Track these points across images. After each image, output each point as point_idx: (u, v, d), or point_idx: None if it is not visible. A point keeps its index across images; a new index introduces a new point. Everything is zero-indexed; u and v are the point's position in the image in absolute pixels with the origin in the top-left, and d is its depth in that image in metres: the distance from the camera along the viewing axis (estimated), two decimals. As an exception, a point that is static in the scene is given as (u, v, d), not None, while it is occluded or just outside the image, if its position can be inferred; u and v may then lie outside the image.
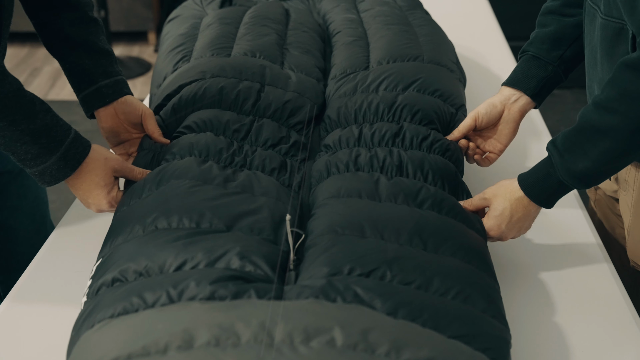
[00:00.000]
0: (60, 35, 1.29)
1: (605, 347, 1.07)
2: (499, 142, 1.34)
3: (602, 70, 1.14)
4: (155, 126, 1.33)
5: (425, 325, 0.83)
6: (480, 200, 1.18)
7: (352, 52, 1.57)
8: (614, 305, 1.15)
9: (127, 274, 0.94)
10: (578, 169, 1.06)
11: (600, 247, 1.30)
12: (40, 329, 1.09)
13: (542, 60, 1.30)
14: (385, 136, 1.28)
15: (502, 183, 1.16)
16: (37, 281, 1.20)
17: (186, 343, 0.75)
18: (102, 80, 1.30)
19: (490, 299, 0.95)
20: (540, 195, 1.12)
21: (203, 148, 1.22)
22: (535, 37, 1.33)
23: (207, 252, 0.94)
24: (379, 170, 1.20)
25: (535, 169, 1.12)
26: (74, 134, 1.13)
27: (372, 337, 0.77)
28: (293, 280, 0.94)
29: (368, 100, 1.36)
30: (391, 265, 0.93)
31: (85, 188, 1.16)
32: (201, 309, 0.81)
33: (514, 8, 3.60)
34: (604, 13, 1.10)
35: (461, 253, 1.01)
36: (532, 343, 1.07)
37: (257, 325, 0.76)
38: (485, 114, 1.32)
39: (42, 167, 1.10)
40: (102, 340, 0.80)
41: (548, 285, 1.20)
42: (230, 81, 1.38)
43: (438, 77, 1.45)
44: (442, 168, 1.22)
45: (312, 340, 0.75)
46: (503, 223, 1.14)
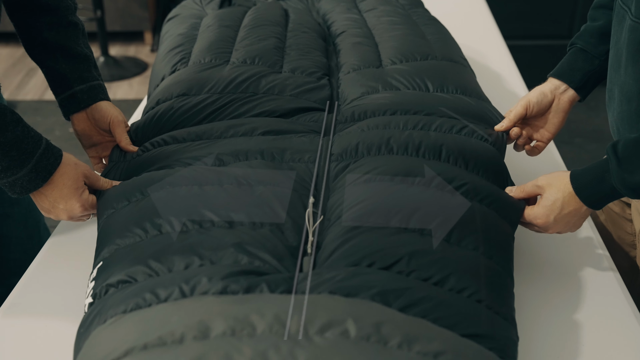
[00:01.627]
0: (38, 39, 1.29)
1: (606, 346, 1.07)
2: (547, 131, 1.33)
3: (626, 74, 1.12)
4: (123, 134, 1.32)
5: (437, 323, 0.84)
6: (533, 187, 1.15)
7: (362, 51, 1.57)
8: (616, 305, 1.15)
9: (135, 275, 0.93)
10: (635, 180, 1.03)
11: (601, 246, 1.30)
12: (36, 341, 1.06)
13: (589, 54, 1.30)
14: (419, 123, 1.27)
15: (557, 173, 1.13)
16: (32, 291, 1.17)
17: (202, 333, 0.76)
18: (77, 86, 1.30)
19: (504, 301, 0.95)
20: (591, 197, 1.09)
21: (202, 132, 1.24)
22: (585, 30, 1.32)
23: (214, 251, 0.94)
24: (414, 154, 1.18)
25: (590, 170, 1.09)
26: (45, 145, 1.09)
27: (384, 330, 0.78)
28: (310, 267, 0.94)
29: (398, 98, 1.36)
30: (410, 261, 0.93)
31: (56, 194, 1.13)
32: (215, 302, 0.82)
33: (511, 7, 3.62)
34: (634, 15, 1.08)
35: (483, 247, 1.00)
36: (533, 340, 1.07)
37: (271, 317, 0.77)
38: (537, 103, 1.31)
39: (13, 178, 1.07)
40: (116, 333, 0.80)
41: (549, 285, 1.20)
42: (221, 97, 1.38)
43: (455, 74, 1.46)
44: (483, 153, 1.20)
45: (327, 332, 0.76)
46: (552, 214, 1.12)
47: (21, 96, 3.83)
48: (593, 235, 1.33)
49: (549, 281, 1.21)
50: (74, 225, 1.33)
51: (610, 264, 1.26)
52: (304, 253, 0.97)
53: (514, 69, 2.06)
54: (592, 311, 1.14)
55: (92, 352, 0.79)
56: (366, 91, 1.42)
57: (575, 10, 3.57)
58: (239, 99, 1.37)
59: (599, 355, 1.05)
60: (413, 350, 0.76)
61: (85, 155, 1.40)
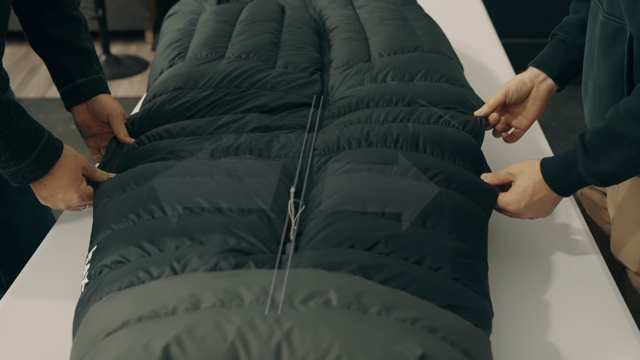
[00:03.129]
0: (42, 33, 1.34)
1: (590, 328, 1.10)
2: (525, 119, 1.37)
3: (598, 67, 1.16)
4: (120, 126, 1.36)
5: (415, 294, 0.88)
6: (506, 174, 1.19)
7: (352, 46, 1.62)
8: (600, 290, 1.19)
9: (129, 256, 0.97)
10: (599, 169, 1.07)
11: (587, 234, 1.33)
12: (42, 321, 1.11)
13: (569, 45, 1.33)
14: (399, 115, 1.31)
15: (529, 162, 1.18)
16: (38, 275, 1.22)
17: (193, 305, 0.80)
18: (79, 79, 1.35)
19: (477, 278, 1.00)
20: (560, 185, 1.14)
21: (193, 128, 1.28)
22: (566, 21, 1.36)
23: (203, 233, 0.98)
24: (392, 146, 1.23)
25: (559, 158, 1.14)
26: (47, 137, 1.14)
27: (364, 299, 0.82)
28: (292, 251, 0.98)
29: (380, 89, 1.40)
30: (388, 243, 0.98)
31: (55, 185, 1.17)
32: (205, 277, 0.86)
33: (506, 6, 3.65)
34: (605, 11, 1.12)
35: (458, 232, 1.05)
36: (517, 322, 1.11)
37: (258, 289, 0.82)
38: (516, 90, 1.34)
39: (15, 169, 1.11)
40: (112, 308, 0.84)
41: (535, 270, 1.23)
42: (215, 91, 1.42)
43: (441, 64, 1.50)
44: (460, 142, 1.25)
45: (310, 301, 0.81)
46: (523, 200, 1.16)
47: (24, 94, 3.87)
48: (579, 220, 1.37)
49: (526, 264, 1.25)
50: (77, 214, 1.38)
51: (591, 247, 1.29)
52: (287, 239, 1.02)
53: (507, 67, 2.09)
54: (574, 291, 1.18)
55: (91, 327, 0.84)
56: (352, 84, 1.46)
57: (572, 9, 3.60)
58: (231, 94, 1.42)
59: (582, 336, 1.09)
60: (392, 317, 0.81)
61: (87, 151, 1.44)
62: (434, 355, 0.77)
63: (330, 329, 0.77)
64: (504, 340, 1.07)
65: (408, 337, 0.78)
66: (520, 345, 1.06)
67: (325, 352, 0.75)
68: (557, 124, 3.52)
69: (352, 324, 0.78)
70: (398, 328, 0.79)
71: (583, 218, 1.39)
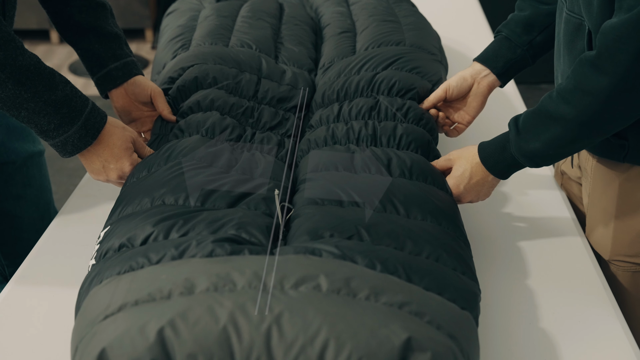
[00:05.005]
0: (71, 22, 1.36)
1: (573, 310, 1.14)
2: (467, 114, 1.42)
3: (563, 62, 1.21)
4: (165, 104, 1.40)
5: (401, 278, 0.92)
6: (446, 160, 1.25)
7: (340, 43, 1.66)
8: (585, 274, 1.23)
9: (134, 241, 1.01)
10: (529, 148, 1.13)
11: (575, 222, 1.37)
12: (44, 310, 1.14)
13: (513, 43, 1.37)
14: (362, 110, 1.36)
15: (468, 147, 1.24)
16: (40, 264, 1.25)
17: (187, 290, 0.83)
18: (111, 64, 1.37)
19: (459, 258, 1.03)
20: (495, 166, 1.19)
21: (210, 127, 1.31)
22: (511, 19, 1.39)
23: (209, 224, 1.02)
24: (354, 142, 1.28)
25: (494, 141, 1.20)
26: (91, 105, 1.18)
27: (353, 284, 0.85)
28: (280, 242, 1.02)
29: (349, 80, 1.45)
30: (368, 230, 1.01)
31: (108, 153, 1.20)
32: (200, 262, 0.89)
33: (502, 5, 3.66)
34: (568, 8, 1.17)
35: (431, 217, 1.10)
36: (504, 306, 1.15)
37: (251, 274, 0.85)
38: (456, 87, 1.39)
39: (65, 136, 1.15)
40: (110, 291, 0.88)
41: (521, 255, 1.27)
42: (231, 70, 1.46)
43: (417, 57, 1.53)
44: (415, 136, 1.30)
45: (301, 286, 0.84)
46: (462, 184, 1.22)
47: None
48: (566, 210, 1.40)
49: (518, 251, 1.28)
50: (78, 205, 1.41)
51: (577, 234, 1.33)
52: (277, 235, 1.06)
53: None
54: (560, 279, 1.22)
55: (90, 309, 0.87)
56: (329, 80, 1.51)
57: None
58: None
59: (566, 318, 1.12)
60: (380, 302, 0.84)
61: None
62: (418, 339, 0.79)
63: (318, 314, 0.80)
64: (490, 325, 1.10)
65: (394, 321, 0.81)
66: (506, 330, 1.09)
67: (313, 335, 0.78)
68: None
69: (340, 308, 0.81)
70: (385, 312, 0.82)
71: (570, 206, 1.42)
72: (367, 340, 0.78)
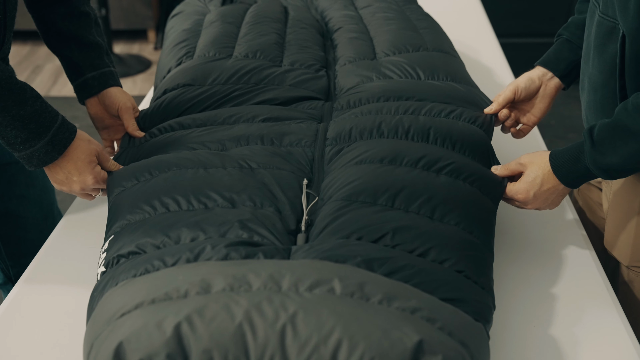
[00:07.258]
0: (53, 29, 1.38)
1: (583, 323, 1.14)
2: (533, 116, 1.41)
3: (593, 66, 1.20)
4: (130, 120, 1.40)
5: (417, 287, 0.92)
6: (517, 165, 1.22)
7: (358, 45, 1.66)
8: (592, 285, 1.22)
9: (145, 247, 1.02)
10: (605, 162, 1.10)
11: (581, 229, 1.37)
12: (52, 313, 1.15)
13: (574, 45, 1.37)
14: (410, 108, 1.34)
15: (539, 153, 1.21)
16: (47, 266, 1.26)
17: (204, 289, 0.85)
18: (88, 73, 1.39)
19: (482, 272, 1.03)
20: (567, 176, 1.17)
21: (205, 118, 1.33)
22: (571, 22, 1.40)
23: (218, 226, 1.02)
24: (403, 137, 1.26)
25: (568, 150, 1.16)
26: (61, 120, 1.18)
27: (367, 289, 0.87)
28: (303, 242, 1.03)
29: (390, 86, 1.44)
30: (394, 235, 1.01)
31: (71, 166, 1.20)
32: (216, 265, 0.91)
33: (504, 6, 3.68)
34: (601, 10, 1.16)
35: (464, 223, 1.08)
36: (511, 316, 1.15)
37: (266, 276, 0.86)
38: (525, 88, 1.39)
39: (31, 150, 1.15)
40: (127, 292, 0.89)
41: (529, 265, 1.27)
42: (225, 86, 1.47)
43: (446, 63, 1.55)
44: (470, 135, 1.28)
45: (315, 289, 0.85)
46: (532, 190, 1.19)
47: (28, 92, 3.91)
48: (572, 216, 1.41)
49: (529, 258, 1.28)
50: (84, 206, 1.41)
51: (587, 244, 1.33)
52: (298, 230, 1.06)
53: (505, 66, 2.13)
54: (567, 286, 1.22)
55: (106, 309, 0.88)
56: (361, 80, 1.50)
57: (571, 8, 3.62)
58: (241, 89, 1.46)
59: (573, 324, 1.13)
60: (392, 306, 0.85)
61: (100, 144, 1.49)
62: (430, 343, 0.80)
63: (332, 314, 0.81)
64: (499, 333, 1.11)
65: (407, 324, 0.82)
66: (515, 339, 1.10)
67: (327, 335, 0.79)
68: (556, 122, 3.56)
69: (353, 310, 0.82)
70: (398, 316, 0.83)
71: (576, 213, 1.43)
72: (380, 341, 0.79)
